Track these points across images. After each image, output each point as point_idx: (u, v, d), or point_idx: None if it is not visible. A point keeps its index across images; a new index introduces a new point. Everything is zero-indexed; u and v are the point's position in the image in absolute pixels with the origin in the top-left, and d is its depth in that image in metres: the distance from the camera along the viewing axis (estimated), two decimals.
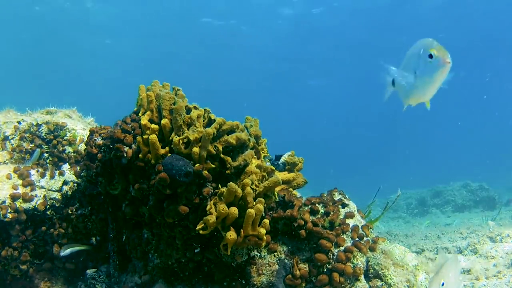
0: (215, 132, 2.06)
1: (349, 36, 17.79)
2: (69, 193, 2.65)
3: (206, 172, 2.02)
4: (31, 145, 2.91)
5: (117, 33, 17.66)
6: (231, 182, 1.89)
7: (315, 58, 20.09)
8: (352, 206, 2.37)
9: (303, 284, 2.05)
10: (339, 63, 20.44)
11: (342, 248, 2.11)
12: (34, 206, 2.55)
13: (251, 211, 1.82)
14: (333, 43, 18.64)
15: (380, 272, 2.12)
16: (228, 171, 2.07)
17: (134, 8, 15.72)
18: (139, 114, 2.26)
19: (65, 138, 2.96)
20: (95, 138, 2.35)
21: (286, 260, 2.07)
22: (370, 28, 16.94)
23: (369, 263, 2.16)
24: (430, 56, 1.54)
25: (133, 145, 2.16)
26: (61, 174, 2.73)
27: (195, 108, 2.23)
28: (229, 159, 2.08)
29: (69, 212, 2.58)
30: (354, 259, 2.10)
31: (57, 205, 2.61)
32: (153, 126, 2.05)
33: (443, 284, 1.51)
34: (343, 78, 22.63)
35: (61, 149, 2.90)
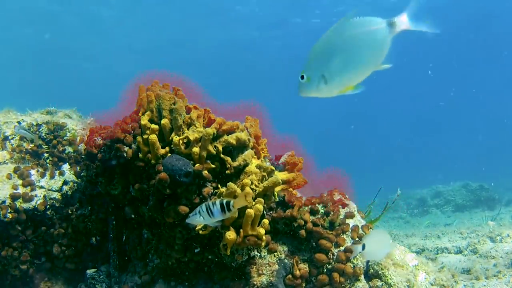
0: (215, 132, 2.06)
1: None
2: (69, 193, 2.65)
3: (206, 172, 2.02)
4: (31, 145, 2.91)
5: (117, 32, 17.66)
6: (230, 182, 1.89)
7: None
8: (352, 206, 2.36)
9: (303, 284, 2.05)
10: None
11: (342, 248, 2.11)
12: (34, 206, 2.55)
13: (250, 211, 1.82)
14: None
15: (380, 272, 2.12)
16: (228, 171, 2.07)
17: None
18: (139, 114, 2.26)
19: (65, 138, 2.96)
20: (95, 138, 2.35)
21: (286, 260, 2.07)
22: None
23: (369, 263, 2.16)
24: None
25: (133, 145, 2.16)
26: (61, 174, 2.73)
27: (195, 108, 2.23)
28: (229, 159, 2.08)
29: (69, 212, 2.58)
30: (354, 259, 2.10)
31: (57, 205, 2.61)
32: (153, 126, 2.05)
33: (364, 247, 1.77)
34: None
35: (61, 149, 2.90)
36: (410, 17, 1.07)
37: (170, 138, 2.07)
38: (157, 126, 2.06)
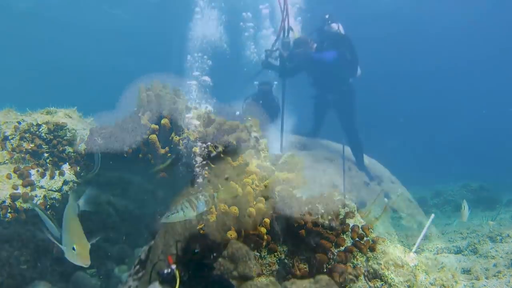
0: (215, 132, 2.06)
1: None
2: (69, 193, 2.65)
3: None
4: (31, 145, 2.91)
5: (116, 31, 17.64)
6: (231, 182, 1.89)
7: None
8: (352, 206, 2.36)
9: (303, 284, 2.05)
10: None
11: (342, 248, 2.10)
12: None
13: (251, 210, 1.82)
14: None
15: (380, 272, 2.12)
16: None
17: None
18: (139, 114, 2.26)
19: (65, 138, 2.96)
20: (95, 138, 2.35)
21: (286, 260, 2.07)
22: None
23: (369, 263, 2.16)
24: None
25: (133, 145, 2.16)
26: (61, 174, 2.73)
27: (195, 108, 2.23)
28: (229, 159, 2.08)
29: None
30: (354, 259, 2.10)
31: (57, 205, 2.61)
32: (153, 126, 2.05)
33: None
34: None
35: (61, 149, 2.90)
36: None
37: (170, 138, 2.07)
38: (157, 126, 2.06)
